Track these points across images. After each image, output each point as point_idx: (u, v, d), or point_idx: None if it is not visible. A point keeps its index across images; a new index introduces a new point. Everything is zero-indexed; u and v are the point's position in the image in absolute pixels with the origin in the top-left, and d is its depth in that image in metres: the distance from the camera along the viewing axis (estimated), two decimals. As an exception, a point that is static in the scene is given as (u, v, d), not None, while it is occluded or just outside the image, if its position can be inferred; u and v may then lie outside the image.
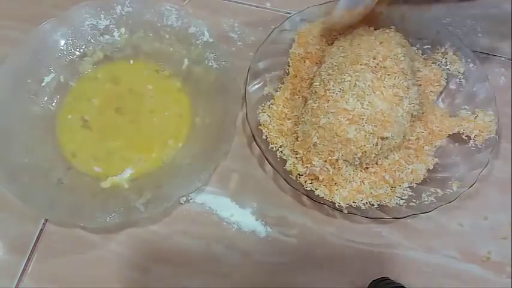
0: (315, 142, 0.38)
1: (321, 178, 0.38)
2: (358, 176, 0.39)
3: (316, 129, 0.38)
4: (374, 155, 0.38)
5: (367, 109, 0.36)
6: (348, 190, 0.38)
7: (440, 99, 0.44)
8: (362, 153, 0.37)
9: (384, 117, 0.36)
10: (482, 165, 0.39)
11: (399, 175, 0.39)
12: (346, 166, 0.38)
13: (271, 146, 0.40)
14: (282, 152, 0.40)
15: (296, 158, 0.40)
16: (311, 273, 0.38)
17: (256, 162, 0.43)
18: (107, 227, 0.39)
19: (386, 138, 0.37)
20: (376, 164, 0.40)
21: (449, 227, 0.40)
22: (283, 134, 0.41)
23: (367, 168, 0.40)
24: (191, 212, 0.40)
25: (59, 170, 0.40)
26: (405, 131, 0.39)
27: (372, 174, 0.39)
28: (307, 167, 0.39)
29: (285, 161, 0.40)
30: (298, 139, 0.40)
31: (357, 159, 0.37)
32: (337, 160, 0.37)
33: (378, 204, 0.38)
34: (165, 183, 0.39)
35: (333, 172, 0.38)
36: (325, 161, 0.38)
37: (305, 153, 0.39)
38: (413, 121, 0.40)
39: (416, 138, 0.41)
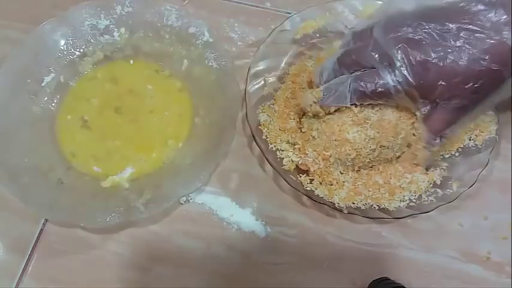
0: (314, 135, 0.38)
1: (312, 170, 0.39)
2: (350, 175, 0.39)
3: (320, 122, 0.38)
4: (369, 160, 0.38)
5: (375, 115, 0.36)
6: (346, 191, 0.38)
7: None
8: (356, 155, 0.37)
9: (390, 126, 0.36)
10: (482, 165, 0.39)
11: (395, 183, 0.39)
12: (338, 165, 0.38)
13: (271, 146, 0.40)
14: (281, 150, 0.40)
15: (294, 148, 0.40)
16: (311, 273, 0.38)
17: (256, 162, 0.43)
18: (107, 227, 0.39)
19: (386, 147, 0.37)
20: (371, 168, 0.40)
21: (449, 227, 0.40)
22: (285, 132, 0.41)
23: (359, 170, 0.39)
24: (191, 212, 0.40)
25: (59, 170, 0.40)
26: (409, 143, 0.38)
27: (365, 175, 0.39)
28: (300, 157, 0.39)
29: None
30: (302, 130, 0.40)
31: (349, 160, 0.37)
32: (330, 156, 0.38)
33: (378, 205, 0.38)
34: (165, 183, 0.39)
35: (323, 168, 0.38)
36: (319, 154, 0.38)
37: (303, 144, 0.39)
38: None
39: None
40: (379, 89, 0.33)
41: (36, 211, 0.38)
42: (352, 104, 0.35)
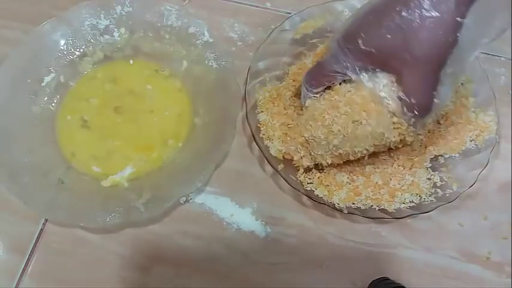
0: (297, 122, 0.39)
1: (295, 159, 0.39)
2: (347, 176, 0.39)
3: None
4: (342, 136, 0.35)
5: (350, 91, 0.34)
6: (346, 192, 0.38)
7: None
8: (328, 132, 0.35)
9: (362, 101, 0.34)
10: (482, 165, 0.39)
11: (396, 185, 0.39)
12: (318, 149, 0.37)
13: (266, 142, 0.40)
14: (271, 140, 0.40)
15: (281, 138, 0.40)
16: (311, 273, 0.38)
17: (256, 162, 0.43)
18: (107, 227, 0.39)
19: (359, 122, 0.34)
20: (364, 167, 0.39)
21: (449, 227, 0.40)
22: (281, 130, 0.41)
23: (348, 160, 0.38)
24: (191, 212, 0.40)
25: (59, 170, 0.40)
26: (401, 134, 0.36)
27: (362, 173, 0.39)
28: (284, 146, 0.39)
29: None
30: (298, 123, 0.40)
31: (323, 139, 0.35)
32: (305, 140, 0.37)
33: (378, 205, 0.38)
34: (165, 183, 0.39)
35: (303, 154, 0.38)
36: (300, 138, 0.38)
37: (288, 133, 0.40)
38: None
39: (421, 146, 0.40)
40: (325, 69, 0.35)
41: (36, 211, 0.38)
42: (313, 94, 0.37)
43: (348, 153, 0.37)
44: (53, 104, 0.44)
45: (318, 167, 0.40)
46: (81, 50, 0.45)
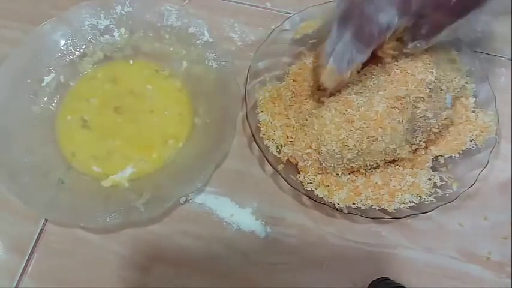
0: (305, 129, 0.39)
1: (300, 164, 0.39)
2: (348, 177, 0.39)
3: (312, 117, 0.38)
4: (357, 151, 0.36)
5: (363, 107, 0.35)
6: (346, 192, 0.38)
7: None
8: (343, 146, 0.36)
9: (377, 117, 0.35)
10: (482, 165, 0.39)
11: (396, 185, 0.39)
12: (328, 159, 0.38)
13: (266, 142, 0.40)
14: (273, 140, 0.40)
15: (287, 142, 0.40)
16: (311, 273, 0.38)
17: (256, 162, 0.43)
18: (107, 227, 0.39)
19: (375, 138, 0.36)
20: (367, 170, 0.39)
21: (449, 227, 0.40)
22: (281, 130, 0.41)
23: (357, 171, 0.39)
24: (191, 212, 0.40)
25: (59, 170, 0.40)
26: (408, 140, 0.38)
27: (364, 175, 0.39)
28: (291, 149, 0.39)
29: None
30: (304, 125, 0.40)
31: (337, 152, 0.36)
32: (315, 150, 0.38)
33: (378, 205, 0.38)
34: (165, 183, 0.39)
35: (313, 163, 0.38)
36: (309, 147, 0.38)
37: (295, 137, 0.40)
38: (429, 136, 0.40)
39: (424, 148, 0.40)
40: (377, 27, 0.32)
41: (36, 211, 0.38)
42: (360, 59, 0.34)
43: (360, 166, 0.38)
44: (53, 104, 0.44)
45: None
46: (81, 50, 0.45)
